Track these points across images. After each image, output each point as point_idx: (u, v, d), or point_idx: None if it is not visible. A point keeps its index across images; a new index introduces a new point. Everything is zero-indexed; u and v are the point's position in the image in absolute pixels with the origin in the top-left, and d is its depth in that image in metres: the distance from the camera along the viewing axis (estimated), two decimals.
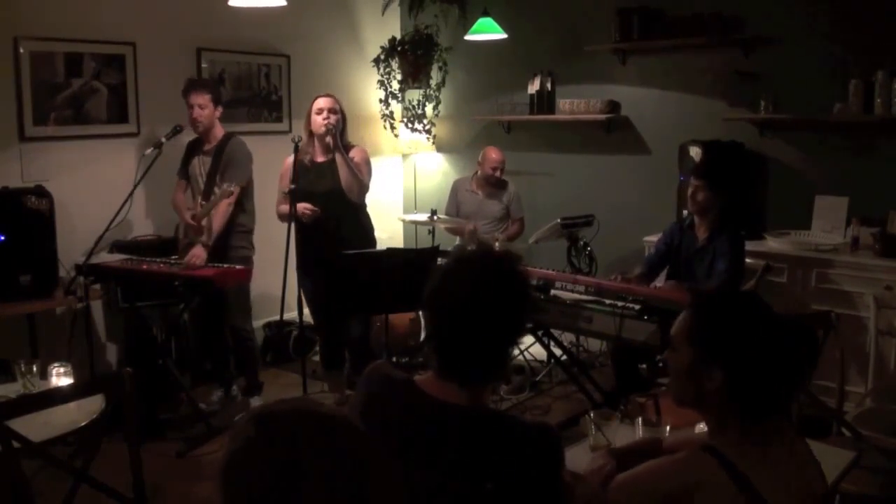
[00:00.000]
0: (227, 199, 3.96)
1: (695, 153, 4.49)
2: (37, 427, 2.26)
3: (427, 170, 6.21)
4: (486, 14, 5.00)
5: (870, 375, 3.56)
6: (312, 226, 4.17)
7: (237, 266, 3.94)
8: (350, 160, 4.14)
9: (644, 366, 3.87)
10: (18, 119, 4.11)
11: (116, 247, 4.28)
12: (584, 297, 3.54)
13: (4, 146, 4.07)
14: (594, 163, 5.34)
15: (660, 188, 4.89)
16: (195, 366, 4.60)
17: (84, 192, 4.28)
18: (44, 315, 4.06)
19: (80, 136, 4.35)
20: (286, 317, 4.13)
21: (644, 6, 4.87)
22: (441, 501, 1.48)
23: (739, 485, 1.42)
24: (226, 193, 3.92)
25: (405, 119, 6.03)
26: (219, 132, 4.16)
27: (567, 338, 4.37)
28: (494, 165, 4.99)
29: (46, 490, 2.75)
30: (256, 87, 5.25)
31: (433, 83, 5.93)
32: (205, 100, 4.06)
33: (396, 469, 1.01)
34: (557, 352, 4.02)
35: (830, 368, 3.11)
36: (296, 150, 4.05)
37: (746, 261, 3.88)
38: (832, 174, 4.37)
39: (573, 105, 5.20)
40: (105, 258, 4.01)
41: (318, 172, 4.18)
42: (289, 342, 5.10)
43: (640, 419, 2.19)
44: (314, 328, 4.74)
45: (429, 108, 6.02)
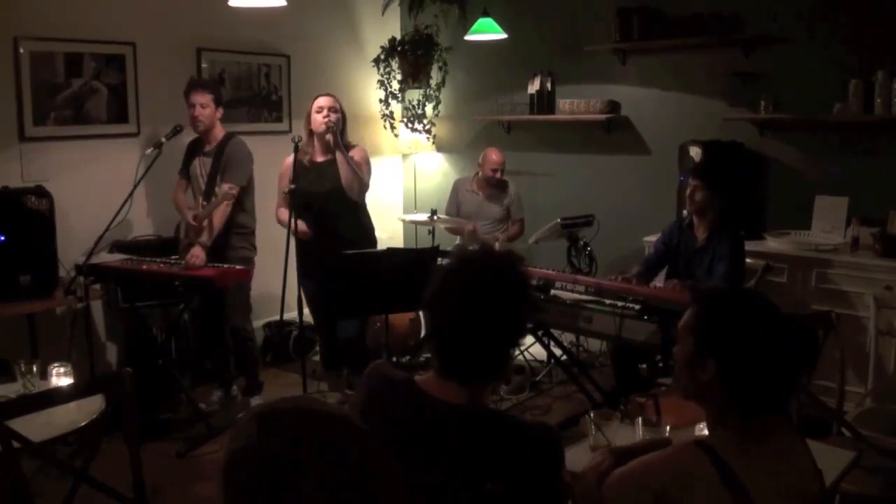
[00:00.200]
0: (228, 201, 3.97)
1: (695, 153, 4.49)
2: (37, 427, 2.26)
3: (427, 170, 6.21)
4: (486, 14, 5.00)
5: (870, 375, 3.56)
6: (313, 225, 4.17)
7: (237, 266, 3.94)
8: (350, 159, 4.15)
9: (644, 366, 3.87)
10: (18, 119, 4.11)
11: (116, 247, 4.28)
12: (584, 297, 3.54)
13: (4, 146, 4.07)
14: (594, 163, 5.34)
15: (660, 188, 4.89)
16: (195, 366, 4.60)
17: (84, 192, 4.28)
18: (44, 315, 4.06)
19: (80, 136, 4.35)
20: (286, 317, 4.13)
21: (644, 6, 4.87)
22: (441, 501, 1.48)
23: (727, 481, 1.42)
24: (227, 196, 3.92)
25: (405, 119, 6.03)
26: (219, 132, 4.16)
27: (567, 338, 4.36)
28: (495, 167, 4.99)
29: (46, 490, 2.75)
30: (256, 87, 5.25)
31: (433, 83, 5.93)
32: (206, 99, 4.06)
33: (397, 468, 1.01)
34: (557, 352, 4.02)
35: (830, 368, 3.11)
36: (296, 150, 4.05)
37: (746, 261, 3.88)
38: (832, 174, 4.37)
39: (573, 105, 5.20)
40: (105, 258, 4.01)
41: (318, 172, 4.18)
42: (289, 342, 5.10)
43: (640, 419, 2.19)
44: (314, 328, 4.74)
45: (429, 108, 6.02)
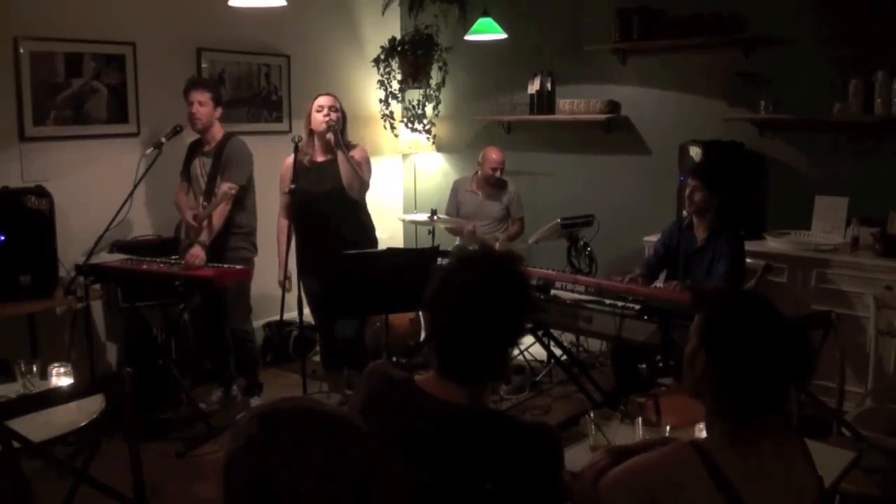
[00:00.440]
0: (227, 200, 3.97)
1: (695, 153, 4.49)
2: (37, 427, 2.26)
3: (427, 170, 6.21)
4: (486, 14, 5.00)
5: (870, 375, 3.56)
6: (313, 225, 4.17)
7: (237, 266, 3.94)
8: (351, 158, 4.14)
9: (644, 366, 3.87)
10: (18, 119, 4.11)
11: (116, 247, 4.28)
12: (584, 297, 3.54)
13: (4, 146, 4.07)
14: (594, 163, 5.34)
15: (660, 188, 4.89)
16: (195, 366, 4.60)
17: (84, 192, 4.28)
18: (44, 315, 4.06)
19: (80, 136, 4.35)
20: (286, 317, 4.13)
21: (644, 6, 4.87)
22: (441, 501, 1.48)
23: (719, 483, 1.42)
24: (226, 195, 3.92)
25: (405, 119, 6.03)
26: (218, 132, 4.16)
27: (567, 338, 4.37)
28: (494, 166, 4.99)
29: (46, 490, 2.75)
30: (256, 87, 5.25)
31: (433, 83, 5.93)
32: (205, 98, 4.06)
33: (398, 468, 1.01)
34: (557, 352, 4.01)
35: (830, 368, 3.11)
36: (296, 150, 4.05)
37: (746, 261, 3.88)
38: (832, 174, 4.37)
39: (573, 105, 5.20)
40: (105, 258, 4.01)
41: (319, 172, 4.18)
42: (289, 342, 5.10)
43: (640, 419, 2.20)
44: (315, 328, 4.74)
45: (429, 108, 6.02)
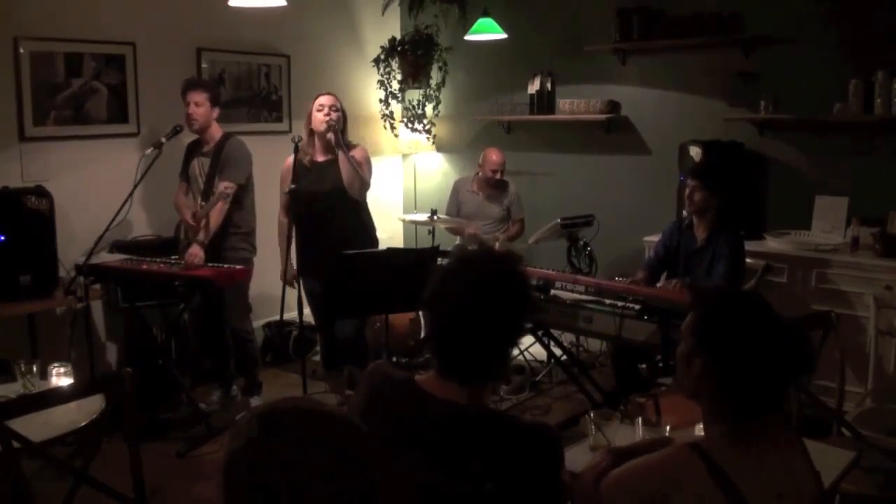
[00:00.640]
0: (225, 200, 3.97)
1: (695, 153, 4.49)
2: (37, 427, 2.26)
3: (427, 170, 6.21)
4: (486, 14, 5.00)
5: (870, 375, 3.56)
6: (314, 225, 4.17)
7: (237, 266, 3.94)
8: (352, 158, 4.14)
9: (644, 366, 3.87)
10: (18, 119, 4.11)
11: (116, 247, 4.28)
12: (584, 297, 3.54)
13: (4, 146, 4.07)
14: (594, 163, 5.34)
15: (660, 188, 4.89)
16: (195, 366, 4.60)
17: (84, 192, 4.28)
18: (44, 315, 4.06)
19: (80, 136, 4.35)
20: (286, 317, 4.13)
21: (644, 6, 4.87)
22: (441, 501, 1.48)
23: (720, 483, 1.42)
24: (223, 195, 3.92)
25: (405, 119, 6.03)
26: (216, 133, 4.16)
27: (567, 338, 4.37)
28: (494, 167, 4.99)
29: (46, 490, 2.75)
30: (256, 87, 5.25)
31: (433, 83, 5.93)
32: (201, 98, 4.06)
33: (397, 468, 1.01)
34: (557, 352, 4.01)
35: (830, 368, 3.11)
36: (296, 151, 4.05)
37: (746, 261, 3.88)
38: (832, 174, 4.37)
39: (573, 105, 5.20)
40: (105, 258, 4.01)
41: (319, 172, 4.18)
42: (289, 342, 5.10)
43: (640, 419, 2.20)
44: (315, 328, 4.74)
45: (429, 108, 6.02)
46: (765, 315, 1.53)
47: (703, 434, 1.62)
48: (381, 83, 5.92)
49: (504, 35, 5.06)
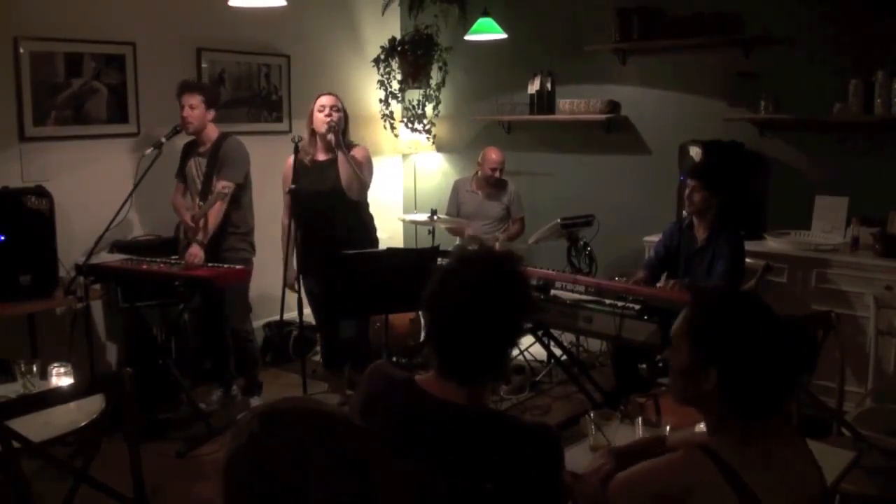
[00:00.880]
0: (222, 199, 3.97)
1: (695, 153, 4.49)
2: (37, 427, 2.26)
3: (427, 170, 6.21)
4: (486, 14, 5.00)
5: (870, 375, 3.56)
6: (314, 225, 4.17)
7: (236, 266, 3.94)
8: (352, 158, 4.14)
9: (644, 366, 3.87)
10: (18, 119, 4.11)
11: (116, 247, 4.28)
12: (584, 297, 3.54)
13: (4, 146, 4.07)
14: (594, 163, 5.34)
15: (660, 188, 4.89)
16: (195, 366, 4.60)
17: (84, 192, 4.28)
18: (44, 315, 4.06)
19: (80, 136, 4.35)
20: (286, 317, 4.13)
21: (644, 6, 4.87)
22: (441, 501, 1.48)
23: (733, 485, 1.42)
24: (220, 195, 3.92)
25: (405, 119, 6.03)
26: (212, 133, 4.16)
27: (567, 338, 4.37)
28: (494, 166, 4.99)
29: (46, 490, 2.75)
30: (256, 87, 5.25)
31: (433, 83, 5.93)
32: (196, 101, 4.06)
33: (398, 468, 1.01)
34: (557, 352, 4.01)
35: (830, 368, 3.11)
36: (296, 151, 4.05)
37: (746, 261, 3.88)
38: (832, 174, 4.37)
39: (573, 105, 5.20)
40: (105, 258, 4.01)
41: (320, 171, 4.18)
42: (289, 342, 5.09)
43: (640, 419, 2.20)
44: (315, 328, 4.73)
45: (429, 108, 6.02)
46: (768, 316, 1.52)
47: (706, 434, 1.62)
48: (381, 83, 5.92)
49: (504, 35, 5.06)
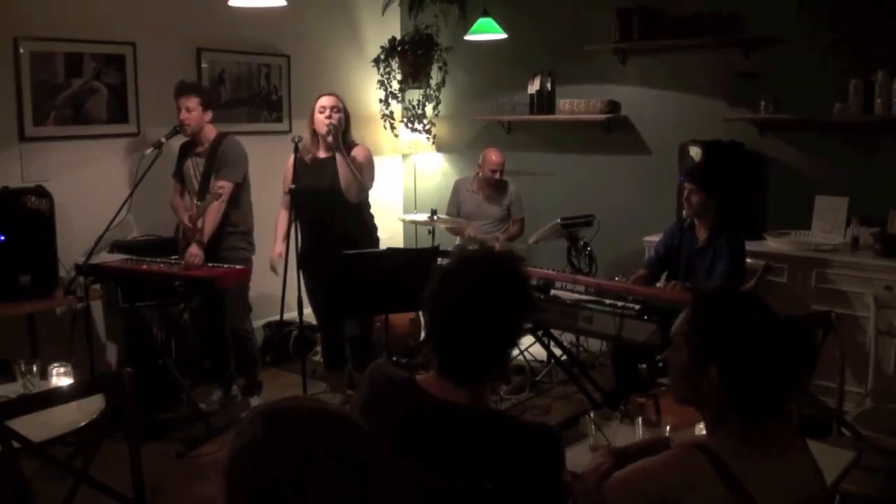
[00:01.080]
0: (219, 200, 3.97)
1: (695, 153, 4.49)
2: (37, 427, 2.26)
3: (427, 170, 6.21)
4: (486, 14, 5.00)
5: (870, 375, 3.56)
6: (315, 223, 4.17)
7: (236, 266, 3.94)
8: (352, 160, 4.12)
9: (644, 366, 3.87)
10: (18, 119, 4.11)
11: (116, 247, 4.28)
12: (584, 297, 3.54)
13: (4, 146, 4.07)
14: (594, 163, 5.34)
15: (660, 188, 4.88)
16: (195, 366, 4.60)
17: (84, 192, 4.28)
18: (44, 315, 4.06)
19: (80, 136, 4.35)
20: (286, 317, 4.13)
21: (644, 6, 4.87)
22: (441, 501, 1.48)
23: (729, 485, 1.42)
24: (217, 195, 3.92)
25: (405, 119, 6.03)
26: (210, 133, 4.15)
27: (567, 338, 4.37)
28: (494, 168, 4.99)
29: (46, 490, 2.75)
30: (256, 87, 5.25)
31: (433, 83, 5.93)
32: (193, 103, 4.05)
33: (399, 468, 1.01)
34: (557, 352, 4.02)
35: (830, 368, 3.11)
36: (296, 151, 4.04)
37: (746, 261, 3.88)
38: (832, 174, 4.37)
39: (573, 105, 5.20)
40: (105, 258, 4.01)
41: (320, 169, 4.17)
42: (289, 342, 5.09)
43: (640, 419, 2.20)
44: (315, 328, 4.73)
45: (429, 108, 6.02)
46: (768, 316, 1.52)
47: (706, 434, 1.61)
48: (381, 83, 5.92)
49: (504, 35, 5.06)
